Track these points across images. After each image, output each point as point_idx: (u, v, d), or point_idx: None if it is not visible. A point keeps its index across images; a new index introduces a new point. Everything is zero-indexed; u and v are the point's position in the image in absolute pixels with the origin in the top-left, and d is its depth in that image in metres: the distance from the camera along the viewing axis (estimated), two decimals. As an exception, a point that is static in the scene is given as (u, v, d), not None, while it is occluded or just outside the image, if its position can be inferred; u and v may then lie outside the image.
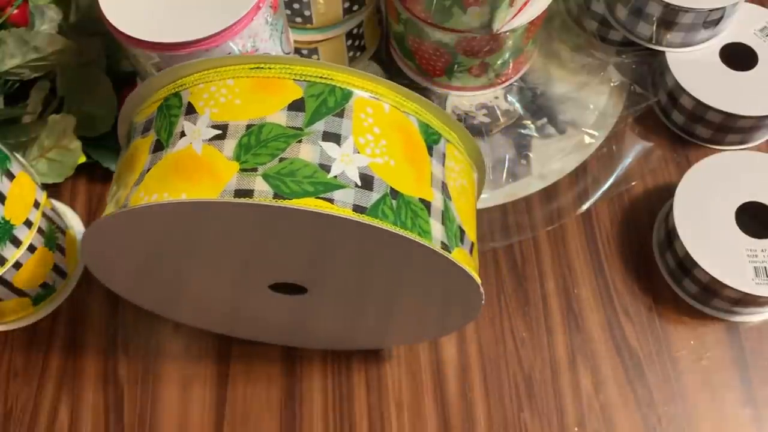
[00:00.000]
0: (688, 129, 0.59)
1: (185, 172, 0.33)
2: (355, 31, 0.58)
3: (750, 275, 0.49)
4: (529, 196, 0.57)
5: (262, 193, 0.32)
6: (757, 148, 0.59)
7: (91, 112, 0.57)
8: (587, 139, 0.60)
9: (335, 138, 0.34)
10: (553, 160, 0.59)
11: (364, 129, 0.34)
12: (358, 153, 0.34)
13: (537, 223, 0.56)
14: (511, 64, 0.58)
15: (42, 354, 0.52)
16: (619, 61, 0.61)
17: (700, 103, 0.56)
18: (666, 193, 0.56)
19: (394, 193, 0.34)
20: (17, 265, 0.48)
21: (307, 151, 0.33)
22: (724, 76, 0.57)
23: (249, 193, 0.32)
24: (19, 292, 0.50)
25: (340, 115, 0.34)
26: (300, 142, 0.33)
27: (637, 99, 0.60)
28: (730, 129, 0.57)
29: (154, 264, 0.41)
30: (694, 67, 0.58)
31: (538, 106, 0.61)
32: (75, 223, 0.57)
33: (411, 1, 0.53)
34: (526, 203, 0.57)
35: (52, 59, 0.55)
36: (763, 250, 0.50)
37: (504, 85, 0.61)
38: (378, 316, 0.45)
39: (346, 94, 0.35)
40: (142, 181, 0.35)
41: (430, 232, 0.34)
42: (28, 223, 0.48)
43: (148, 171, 0.35)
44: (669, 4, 0.55)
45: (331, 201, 0.32)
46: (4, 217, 0.46)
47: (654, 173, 0.59)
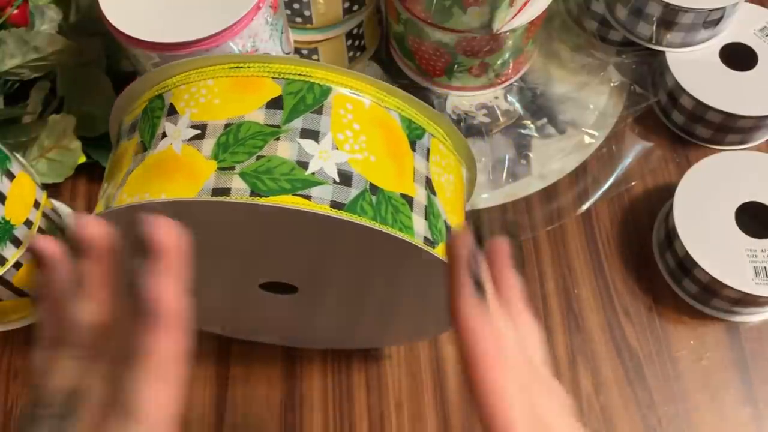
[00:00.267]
0: (688, 129, 0.59)
1: (166, 172, 0.33)
2: (355, 31, 0.58)
3: (750, 275, 0.49)
4: (529, 196, 0.57)
5: (239, 191, 0.32)
6: (757, 148, 0.59)
7: (91, 112, 0.57)
8: (587, 139, 0.60)
9: (313, 135, 0.33)
10: (553, 160, 0.59)
11: (343, 125, 0.34)
12: (337, 149, 0.33)
13: (537, 223, 0.56)
14: (511, 64, 0.58)
15: (42, 354, 0.52)
16: (619, 61, 0.61)
17: (700, 103, 0.56)
18: (666, 193, 0.56)
19: (374, 189, 0.33)
20: (17, 265, 0.48)
21: (284, 149, 0.33)
22: (724, 76, 0.57)
23: (226, 191, 0.32)
24: (19, 292, 0.50)
25: (319, 111, 0.34)
26: (278, 139, 0.33)
27: (637, 99, 0.60)
28: (730, 129, 0.57)
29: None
30: (694, 67, 0.58)
31: (538, 106, 0.61)
32: (75, 223, 0.57)
33: (411, 1, 0.53)
34: (526, 203, 0.57)
35: (52, 59, 0.55)
36: (763, 250, 0.50)
37: (504, 85, 0.61)
38: (374, 314, 0.45)
39: (325, 91, 0.34)
40: (126, 182, 0.35)
41: (412, 227, 0.34)
42: (29, 223, 0.48)
43: (131, 172, 0.35)
44: (669, 4, 0.55)
45: (309, 198, 0.32)
46: (4, 217, 0.46)
47: (654, 173, 0.59)
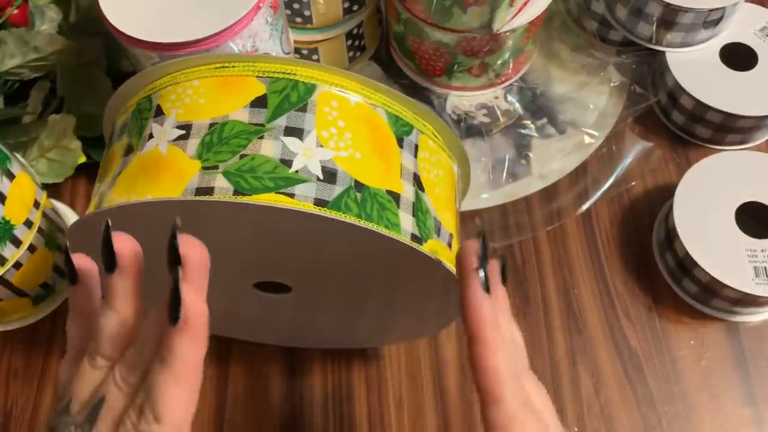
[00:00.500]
0: (688, 129, 0.59)
1: (152, 173, 0.33)
2: (355, 31, 0.58)
3: (750, 275, 0.49)
4: (529, 196, 0.57)
5: (223, 190, 0.32)
6: (757, 148, 0.59)
7: (91, 112, 0.57)
8: (587, 139, 0.60)
9: (298, 133, 0.33)
10: (553, 160, 0.59)
11: (328, 122, 0.34)
12: (322, 147, 0.33)
13: (537, 223, 0.56)
14: (511, 64, 0.58)
15: (42, 354, 0.52)
16: (619, 61, 0.61)
17: (700, 103, 0.56)
18: (666, 193, 0.56)
19: (359, 186, 0.33)
20: (17, 265, 0.48)
21: (268, 147, 0.33)
22: (724, 76, 0.57)
23: (210, 190, 0.32)
24: (19, 292, 0.50)
25: (303, 109, 0.34)
26: (261, 138, 0.33)
27: (637, 99, 0.60)
28: (730, 129, 0.57)
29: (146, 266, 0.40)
30: (694, 67, 0.58)
31: (538, 106, 0.61)
32: (75, 223, 0.57)
33: (411, 1, 0.53)
34: (526, 203, 0.57)
35: (52, 59, 0.55)
36: (763, 250, 0.50)
37: (504, 85, 0.61)
38: (372, 313, 0.45)
39: (310, 89, 0.34)
40: (115, 182, 0.35)
41: (399, 224, 0.34)
42: (28, 223, 0.48)
43: (120, 173, 0.35)
44: (669, 4, 0.55)
45: (292, 196, 0.32)
46: (4, 217, 0.46)
47: (654, 173, 0.59)
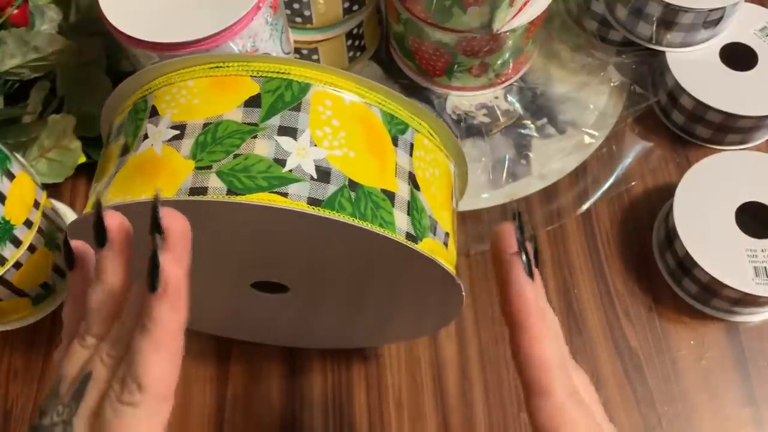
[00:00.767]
0: (688, 129, 0.59)
1: (147, 173, 0.33)
2: (355, 31, 0.58)
3: (750, 275, 0.49)
4: (529, 196, 0.57)
5: (216, 189, 0.32)
6: (757, 148, 0.59)
7: (91, 112, 0.57)
8: (587, 139, 0.60)
9: (291, 132, 0.33)
10: (553, 160, 0.59)
11: (321, 122, 0.34)
12: (315, 146, 0.33)
13: (537, 223, 0.56)
14: (511, 64, 0.58)
15: (42, 354, 0.52)
16: (619, 61, 0.61)
17: (700, 103, 0.56)
18: (666, 193, 0.56)
19: (353, 185, 0.33)
20: (17, 265, 0.48)
21: (262, 147, 0.33)
22: (724, 76, 0.57)
23: (203, 190, 0.32)
24: (19, 292, 0.50)
25: (297, 108, 0.34)
26: (255, 137, 0.33)
27: (637, 99, 0.60)
28: (730, 129, 0.57)
29: (134, 265, 0.40)
30: (694, 67, 0.58)
31: (538, 106, 0.61)
32: (75, 223, 0.57)
33: (411, 1, 0.53)
34: (526, 203, 0.57)
35: (52, 59, 0.55)
36: (763, 250, 0.50)
37: (504, 85, 0.61)
38: (371, 313, 0.45)
39: (304, 88, 0.34)
40: (111, 182, 0.35)
41: (394, 223, 0.34)
42: (28, 223, 0.48)
43: (116, 173, 0.35)
44: (669, 4, 0.55)
45: (285, 195, 0.32)
46: (4, 217, 0.46)
47: (654, 173, 0.59)
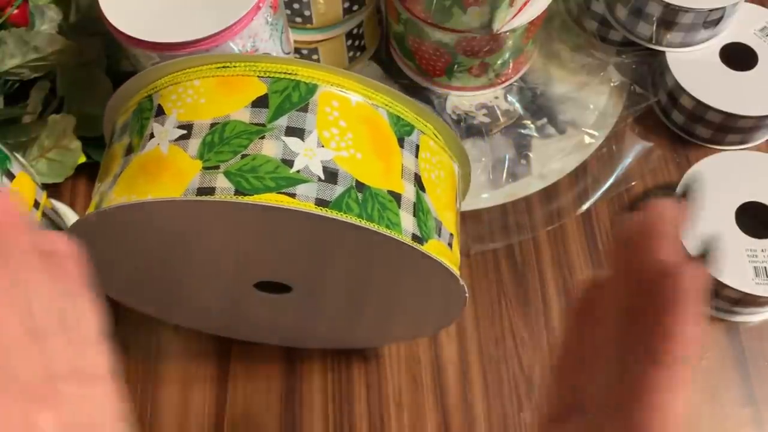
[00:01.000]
0: (688, 129, 0.59)
1: (152, 172, 0.33)
2: (355, 31, 0.58)
3: (750, 275, 0.49)
4: (529, 196, 0.57)
5: (224, 190, 0.32)
6: (757, 148, 0.59)
7: (91, 112, 0.56)
8: (587, 139, 0.60)
9: (299, 133, 0.33)
10: (553, 160, 0.59)
11: (329, 123, 0.34)
12: (323, 147, 0.33)
13: (537, 223, 0.56)
14: (511, 64, 0.58)
15: (42, 354, 0.52)
16: (619, 61, 0.61)
17: (700, 103, 0.56)
18: (666, 193, 0.56)
19: (360, 186, 0.33)
20: (17, 265, 0.48)
21: (269, 147, 0.33)
22: (724, 76, 0.57)
23: (211, 190, 0.32)
24: (19, 292, 0.50)
25: (304, 109, 0.34)
26: (263, 138, 0.33)
27: (637, 99, 0.60)
28: (730, 129, 0.57)
29: (139, 265, 0.40)
30: (694, 67, 0.58)
31: (538, 106, 0.61)
32: (75, 223, 0.57)
33: (411, 1, 0.53)
34: (526, 203, 0.57)
35: (52, 59, 0.55)
36: (763, 250, 0.50)
37: (504, 85, 0.61)
38: (372, 313, 0.45)
39: (311, 89, 0.34)
40: (116, 182, 0.35)
41: (400, 224, 0.34)
42: (28, 223, 0.48)
43: (121, 173, 0.35)
44: (669, 4, 0.55)
45: (293, 195, 0.32)
46: (4, 217, 0.46)
47: (654, 173, 0.58)
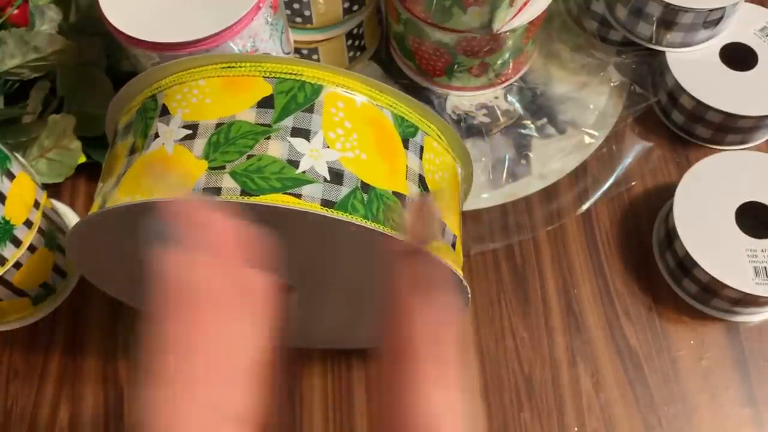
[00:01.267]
0: (688, 129, 0.59)
1: (157, 172, 0.33)
2: (355, 31, 0.58)
3: (750, 275, 0.49)
4: (529, 196, 0.57)
5: (230, 190, 0.32)
6: (757, 148, 0.59)
7: (91, 112, 0.57)
8: (587, 139, 0.60)
9: (304, 133, 0.33)
10: (553, 160, 0.59)
11: (334, 123, 0.34)
12: (328, 148, 0.33)
13: (537, 223, 0.56)
14: (511, 64, 0.58)
15: (42, 354, 0.52)
16: (619, 61, 0.61)
17: (700, 103, 0.56)
18: (666, 193, 0.56)
19: (365, 187, 0.33)
20: (17, 265, 0.48)
21: (275, 148, 0.33)
22: (724, 76, 0.57)
23: (217, 191, 0.32)
24: (19, 292, 0.50)
25: (310, 110, 0.34)
26: (268, 138, 0.33)
27: (637, 99, 0.60)
28: (730, 129, 0.57)
29: (141, 266, 0.40)
30: (694, 67, 0.58)
31: (538, 106, 0.61)
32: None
33: (411, 1, 0.53)
34: (526, 203, 0.57)
35: (52, 59, 0.55)
36: (763, 250, 0.50)
37: (504, 85, 0.61)
38: (372, 313, 0.45)
39: (316, 90, 0.34)
40: (120, 181, 0.35)
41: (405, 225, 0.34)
42: (29, 223, 0.48)
43: (125, 172, 0.35)
44: (669, 4, 0.55)
45: (299, 196, 0.32)
46: (4, 217, 0.46)
47: (654, 173, 0.59)
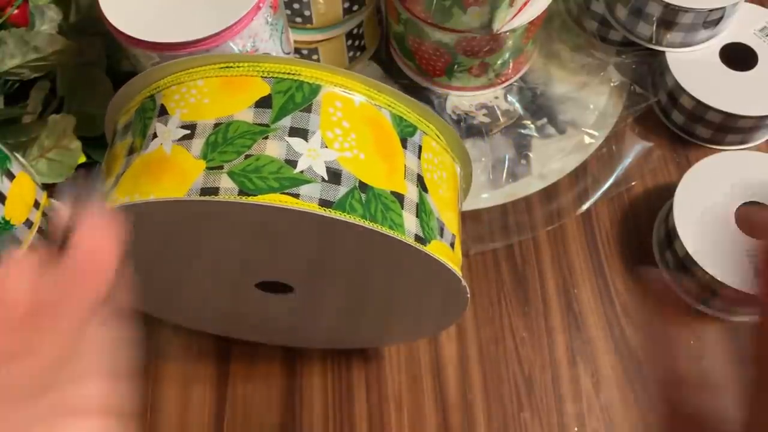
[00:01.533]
0: (688, 129, 0.59)
1: (155, 172, 0.33)
2: (355, 31, 0.58)
3: (750, 275, 0.49)
4: (529, 196, 0.57)
5: (228, 190, 0.32)
6: (757, 148, 0.59)
7: (91, 112, 0.57)
8: (587, 139, 0.60)
9: (302, 133, 0.33)
10: (553, 160, 0.59)
11: (332, 123, 0.34)
12: (326, 147, 0.33)
13: (537, 223, 0.56)
14: (511, 64, 0.58)
15: (42, 354, 0.52)
16: (619, 61, 0.61)
17: (700, 103, 0.56)
18: (666, 193, 0.56)
19: (363, 187, 0.33)
20: (17, 265, 0.48)
21: (273, 147, 0.33)
22: (724, 76, 0.57)
23: (215, 191, 0.32)
24: (19, 292, 0.50)
25: (308, 110, 0.34)
26: (266, 138, 0.33)
27: (637, 99, 0.60)
28: (730, 129, 0.57)
29: (140, 265, 0.40)
30: (694, 67, 0.58)
31: (538, 106, 0.61)
32: (75, 223, 0.57)
33: (411, 1, 0.53)
34: (526, 203, 0.57)
35: (52, 59, 0.55)
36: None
37: (504, 85, 0.61)
38: (373, 313, 0.45)
39: (314, 89, 0.34)
40: (119, 182, 0.35)
41: (403, 225, 0.34)
42: (29, 223, 0.48)
43: (123, 172, 0.35)
44: (669, 4, 0.55)
45: (297, 196, 0.32)
46: (4, 218, 0.46)
47: (654, 173, 0.59)
